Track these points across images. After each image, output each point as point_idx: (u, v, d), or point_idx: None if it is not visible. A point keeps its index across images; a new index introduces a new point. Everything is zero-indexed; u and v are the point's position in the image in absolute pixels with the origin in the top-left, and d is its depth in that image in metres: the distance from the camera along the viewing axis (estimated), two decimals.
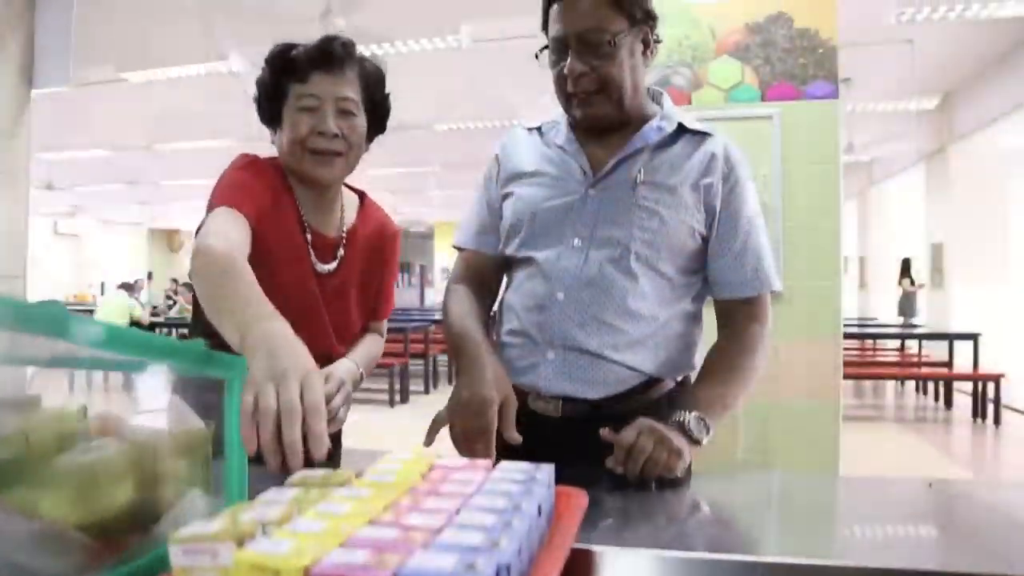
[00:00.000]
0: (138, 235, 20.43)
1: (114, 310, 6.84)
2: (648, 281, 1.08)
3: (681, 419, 0.99)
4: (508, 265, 1.20)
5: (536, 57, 1.11)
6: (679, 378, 1.15)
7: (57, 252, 17.37)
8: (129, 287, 7.63)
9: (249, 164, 1.18)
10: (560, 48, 1.06)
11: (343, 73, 1.16)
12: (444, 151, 9.94)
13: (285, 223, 1.17)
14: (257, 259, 1.01)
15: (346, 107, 1.15)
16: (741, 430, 2.18)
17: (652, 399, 1.10)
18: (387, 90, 1.25)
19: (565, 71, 1.06)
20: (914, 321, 9.97)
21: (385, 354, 1.54)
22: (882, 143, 8.86)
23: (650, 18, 1.08)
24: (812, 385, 2.15)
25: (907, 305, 10.26)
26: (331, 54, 1.15)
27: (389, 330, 1.41)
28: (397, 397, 6.62)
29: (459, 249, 1.26)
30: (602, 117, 1.09)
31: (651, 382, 1.10)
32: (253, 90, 1.20)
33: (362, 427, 5.93)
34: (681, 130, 1.12)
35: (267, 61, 1.19)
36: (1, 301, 0.57)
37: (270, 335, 0.73)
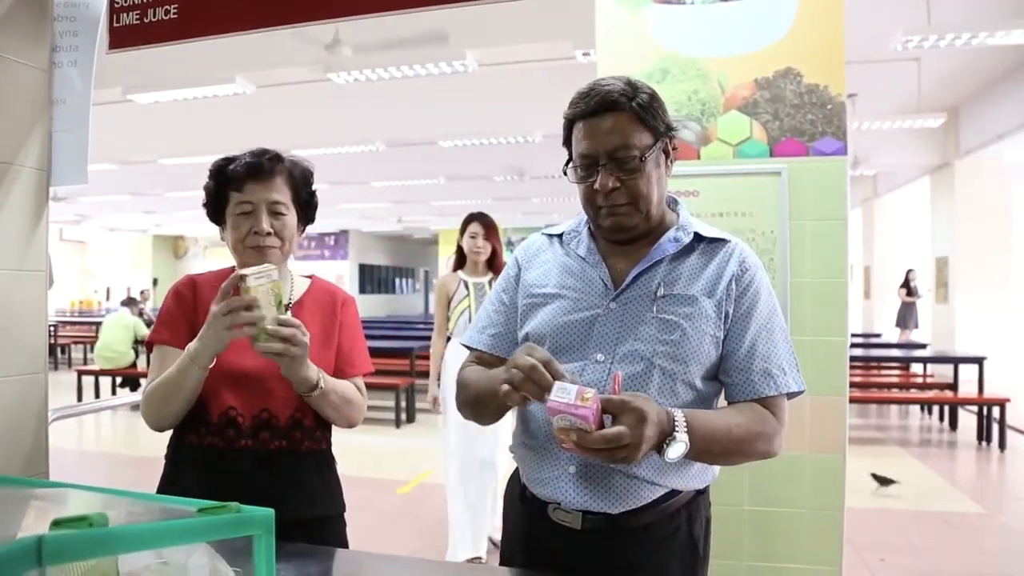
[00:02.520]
0: (143, 241, 20.50)
1: (119, 330, 6.86)
2: (672, 397, 1.08)
3: (676, 419, 0.98)
4: None
5: (564, 173, 1.16)
6: (699, 488, 1.15)
7: (63, 258, 17.45)
8: (133, 302, 7.64)
9: (171, 293, 1.43)
10: (589, 164, 1.11)
11: (273, 180, 1.37)
12: (448, 165, 9.99)
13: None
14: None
15: (276, 209, 1.37)
16: (747, 481, 2.20)
17: (671, 511, 1.11)
18: (313, 188, 1.46)
19: (596, 186, 1.10)
20: (915, 334, 9.97)
21: (390, 374, 1.64)
22: (887, 157, 8.85)
23: (670, 129, 1.13)
24: (816, 441, 2.16)
25: (904, 316, 10.25)
26: (260, 166, 1.36)
27: (393, 351, 1.45)
28: (403, 416, 6.65)
29: (469, 348, 1.28)
30: (631, 228, 1.13)
31: (670, 493, 1.11)
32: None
33: (369, 448, 5.95)
34: (697, 239, 1.15)
35: (210, 173, 1.40)
36: (57, 537, 0.59)
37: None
